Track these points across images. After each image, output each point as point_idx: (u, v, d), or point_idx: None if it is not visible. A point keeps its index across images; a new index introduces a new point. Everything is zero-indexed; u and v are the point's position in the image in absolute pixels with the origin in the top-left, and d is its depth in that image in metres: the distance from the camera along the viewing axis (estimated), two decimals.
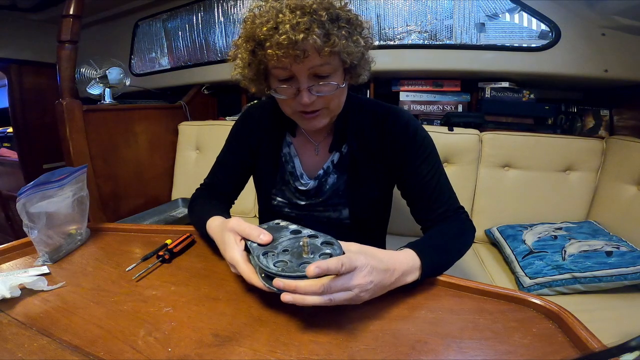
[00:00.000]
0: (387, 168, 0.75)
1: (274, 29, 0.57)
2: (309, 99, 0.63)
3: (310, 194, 0.79)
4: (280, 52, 0.57)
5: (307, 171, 0.79)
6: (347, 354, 0.42)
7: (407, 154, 0.72)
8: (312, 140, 0.79)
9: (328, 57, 0.60)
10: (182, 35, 2.04)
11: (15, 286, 0.54)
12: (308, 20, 0.55)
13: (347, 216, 0.77)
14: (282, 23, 0.55)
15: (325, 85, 0.63)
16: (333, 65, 0.62)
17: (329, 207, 0.78)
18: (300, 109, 0.66)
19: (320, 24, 0.56)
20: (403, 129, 0.72)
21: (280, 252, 0.50)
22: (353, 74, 0.69)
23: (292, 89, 0.64)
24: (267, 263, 0.48)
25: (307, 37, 0.55)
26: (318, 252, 0.49)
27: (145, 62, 2.24)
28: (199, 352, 0.43)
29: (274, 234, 0.54)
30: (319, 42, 0.56)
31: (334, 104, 0.67)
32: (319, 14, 0.56)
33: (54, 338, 0.45)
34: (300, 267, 0.46)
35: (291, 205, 0.81)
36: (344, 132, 0.75)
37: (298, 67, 0.60)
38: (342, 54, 0.61)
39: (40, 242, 0.64)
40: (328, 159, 0.78)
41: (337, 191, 0.77)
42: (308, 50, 0.57)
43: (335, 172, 0.77)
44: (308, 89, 0.62)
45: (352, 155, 0.75)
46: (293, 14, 0.56)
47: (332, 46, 0.58)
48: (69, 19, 1.26)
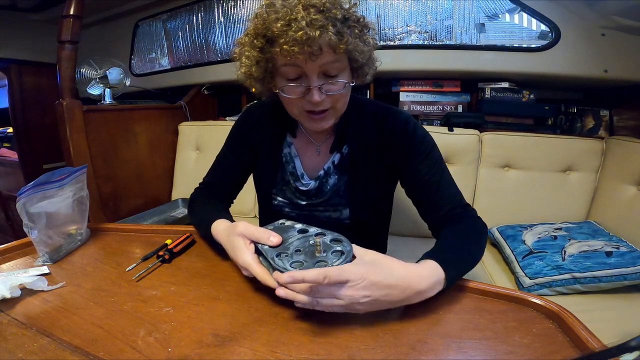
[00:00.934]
0: (387, 168, 0.75)
1: (287, 25, 0.57)
2: (319, 97, 0.63)
3: (311, 194, 0.79)
4: (296, 47, 0.57)
5: (307, 171, 0.80)
6: (347, 354, 0.42)
7: (407, 154, 0.72)
8: (313, 141, 0.79)
9: (340, 55, 0.61)
10: (182, 36, 2.04)
11: (15, 286, 0.54)
12: (322, 18, 0.56)
13: (347, 216, 0.77)
14: (297, 20, 0.56)
15: (335, 84, 0.64)
16: (343, 64, 0.63)
17: (329, 207, 0.79)
18: (309, 109, 0.66)
19: (334, 22, 0.57)
20: (402, 129, 0.73)
21: (293, 252, 0.51)
22: (360, 74, 0.69)
23: (301, 88, 0.64)
24: (284, 264, 0.48)
25: (322, 34, 0.56)
26: (330, 250, 0.50)
27: (146, 62, 2.24)
28: (199, 352, 0.43)
29: (282, 234, 0.54)
30: (335, 39, 0.57)
31: (340, 104, 0.68)
32: (332, 12, 0.57)
33: (54, 338, 0.45)
34: (316, 267, 0.46)
35: (292, 205, 0.81)
36: (344, 132, 0.76)
37: (310, 64, 0.60)
38: (354, 53, 0.62)
39: (40, 242, 0.64)
40: (329, 159, 0.78)
41: (338, 191, 0.77)
42: (323, 47, 0.58)
43: (335, 173, 0.77)
44: (318, 88, 0.63)
45: (352, 155, 0.75)
46: (307, 12, 0.56)
47: (347, 44, 0.59)
48: (69, 19, 1.26)
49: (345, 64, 0.64)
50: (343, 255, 0.49)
